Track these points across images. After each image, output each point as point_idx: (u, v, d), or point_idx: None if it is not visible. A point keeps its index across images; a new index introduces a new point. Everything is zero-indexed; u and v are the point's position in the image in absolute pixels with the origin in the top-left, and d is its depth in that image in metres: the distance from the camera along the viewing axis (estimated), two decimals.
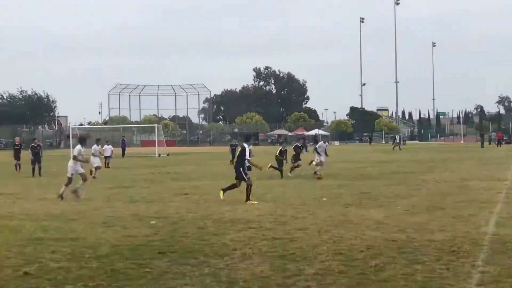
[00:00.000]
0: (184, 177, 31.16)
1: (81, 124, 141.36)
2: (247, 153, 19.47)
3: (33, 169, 34.12)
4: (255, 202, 18.62)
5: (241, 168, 19.44)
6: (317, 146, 30.82)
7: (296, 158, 31.64)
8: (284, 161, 31.42)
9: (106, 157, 41.84)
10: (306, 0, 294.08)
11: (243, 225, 14.18)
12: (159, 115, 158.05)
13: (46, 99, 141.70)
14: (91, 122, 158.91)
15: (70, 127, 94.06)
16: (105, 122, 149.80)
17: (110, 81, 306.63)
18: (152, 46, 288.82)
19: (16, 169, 36.76)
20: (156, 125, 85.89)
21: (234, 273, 9.36)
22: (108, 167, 40.75)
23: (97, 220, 15.47)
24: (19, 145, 38.45)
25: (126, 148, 63.96)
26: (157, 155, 61.82)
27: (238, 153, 20.69)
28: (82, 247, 11.70)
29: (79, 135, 40.06)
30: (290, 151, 32.40)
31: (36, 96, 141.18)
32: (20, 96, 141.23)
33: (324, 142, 32.64)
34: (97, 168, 32.13)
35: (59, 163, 39.35)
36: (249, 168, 21.01)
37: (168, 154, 63.10)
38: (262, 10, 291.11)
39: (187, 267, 9.87)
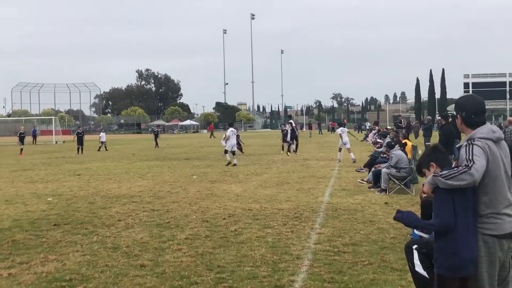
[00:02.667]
0: (77, 160, 30.17)
1: None
2: None
3: (78, 149, 37.85)
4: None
5: None
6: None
7: None
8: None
9: None
10: (178, 14, 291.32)
11: (126, 200, 13.90)
12: (56, 109, 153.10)
13: None
14: None
15: None
16: (9, 115, 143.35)
17: (13, 80, 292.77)
18: (50, 50, 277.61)
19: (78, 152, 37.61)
20: (53, 117, 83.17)
21: (118, 240, 9.14)
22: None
23: (1, 198, 14.72)
24: (82, 133, 40.16)
25: (26, 137, 61.26)
26: (54, 143, 59.95)
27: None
28: None
29: None
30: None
31: None
32: None
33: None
34: None
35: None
36: None
37: (63, 142, 61.20)
38: (143, 21, 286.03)
39: (78, 236, 9.55)
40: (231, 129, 25.86)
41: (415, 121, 69.82)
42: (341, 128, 26.29)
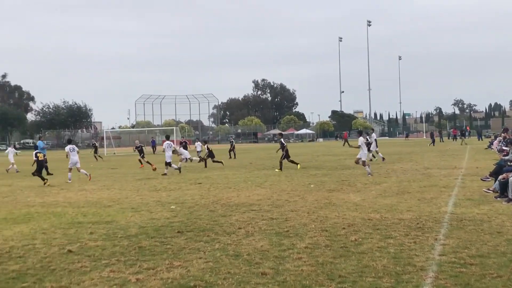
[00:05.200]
0: (197, 169, 31.05)
1: (113, 128, 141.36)
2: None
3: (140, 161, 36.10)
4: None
5: None
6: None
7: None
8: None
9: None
10: (293, 24, 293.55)
11: (246, 208, 14.12)
12: (177, 120, 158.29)
13: (84, 108, 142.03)
14: (121, 126, 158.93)
15: (104, 130, 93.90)
16: (133, 126, 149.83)
17: (136, 92, 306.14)
18: (170, 63, 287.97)
19: (141, 163, 36.25)
20: (174, 127, 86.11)
21: (239, 248, 9.30)
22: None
23: (127, 206, 15.40)
24: (140, 146, 38.86)
25: (146, 147, 63.57)
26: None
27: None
28: (115, 228, 11.64)
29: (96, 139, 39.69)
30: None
31: (76, 105, 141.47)
32: (63, 106, 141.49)
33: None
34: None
35: (94, 160, 39.22)
36: None
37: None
38: (258, 32, 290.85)
39: (201, 243, 9.80)
40: (167, 142, 28.90)
41: None
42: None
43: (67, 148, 25.96)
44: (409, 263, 8.01)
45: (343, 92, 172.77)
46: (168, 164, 27.94)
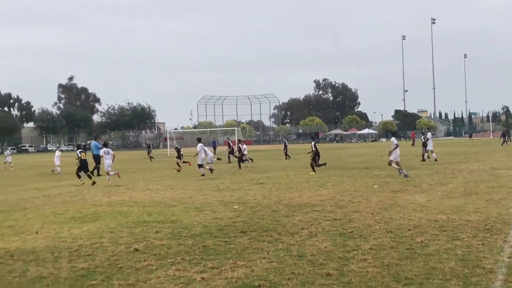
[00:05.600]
0: (259, 169, 31.19)
1: (176, 129, 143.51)
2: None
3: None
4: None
5: None
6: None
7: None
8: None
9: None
10: (355, 22, 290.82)
11: (308, 209, 14.08)
12: (238, 120, 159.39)
13: (148, 109, 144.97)
14: (183, 126, 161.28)
15: (167, 131, 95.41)
16: (195, 127, 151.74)
17: (198, 93, 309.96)
18: (232, 64, 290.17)
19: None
20: (235, 128, 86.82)
21: (303, 248, 9.27)
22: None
23: (191, 205, 15.58)
24: (178, 148, 37.59)
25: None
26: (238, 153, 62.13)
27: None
28: (180, 228, 11.79)
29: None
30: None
31: (140, 106, 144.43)
32: (127, 107, 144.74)
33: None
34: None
35: (159, 160, 39.92)
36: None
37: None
38: (319, 32, 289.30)
39: (264, 243, 9.82)
40: (200, 144, 28.80)
41: None
42: None
43: (102, 151, 26.56)
44: (478, 266, 7.82)
45: (406, 91, 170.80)
46: (200, 166, 27.99)
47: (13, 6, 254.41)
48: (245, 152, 36.37)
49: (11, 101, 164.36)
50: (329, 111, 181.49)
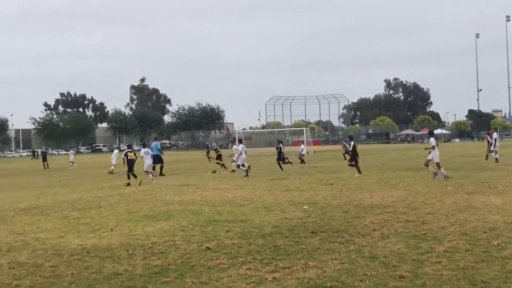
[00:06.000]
0: (328, 170, 31.02)
1: (244, 129, 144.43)
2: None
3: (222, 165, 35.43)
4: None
5: None
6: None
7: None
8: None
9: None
10: (426, 21, 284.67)
11: (380, 210, 13.90)
12: (306, 120, 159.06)
13: (217, 110, 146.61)
14: (252, 127, 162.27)
15: (236, 131, 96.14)
16: (263, 127, 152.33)
17: (266, 93, 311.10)
18: (300, 64, 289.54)
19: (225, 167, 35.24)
20: (304, 128, 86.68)
21: (375, 250, 9.17)
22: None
23: (260, 205, 15.65)
24: (217, 148, 39.33)
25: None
26: (306, 153, 61.97)
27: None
28: (250, 227, 11.86)
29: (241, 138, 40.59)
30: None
31: (209, 107, 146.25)
32: (197, 108, 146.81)
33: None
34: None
35: (225, 160, 40.11)
36: None
37: (314, 152, 63.11)
38: (390, 31, 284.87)
39: (335, 244, 9.76)
40: (241, 145, 30.43)
41: None
42: None
43: (142, 152, 27.74)
44: None
45: (480, 90, 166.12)
46: (238, 166, 29.35)
47: (88, 10, 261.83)
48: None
49: (86, 102, 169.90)
50: (400, 111, 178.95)
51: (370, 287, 7.09)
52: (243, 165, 28.90)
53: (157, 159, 31.18)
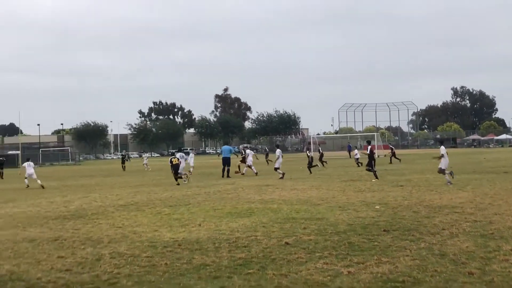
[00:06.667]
0: (398, 172, 30.46)
1: (318, 134, 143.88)
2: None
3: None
4: None
5: None
6: None
7: None
8: None
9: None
10: (493, 30, 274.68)
11: (448, 210, 13.54)
12: (377, 126, 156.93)
13: (293, 116, 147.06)
14: (325, 132, 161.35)
15: (311, 136, 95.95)
16: (336, 132, 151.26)
17: (339, 101, 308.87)
18: (370, 73, 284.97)
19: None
20: (375, 133, 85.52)
21: (444, 248, 8.94)
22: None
23: (335, 204, 15.54)
24: (242, 152, 38.11)
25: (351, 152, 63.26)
26: (377, 156, 61.18)
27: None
28: (325, 225, 11.80)
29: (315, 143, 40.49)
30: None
31: (286, 114, 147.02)
32: (275, 114, 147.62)
33: None
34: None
35: (302, 163, 40.08)
36: None
37: (385, 155, 62.16)
38: (456, 39, 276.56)
39: (406, 242, 9.58)
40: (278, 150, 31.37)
41: None
42: None
43: (178, 155, 29.14)
44: None
45: None
46: (276, 169, 29.54)
47: (176, 26, 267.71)
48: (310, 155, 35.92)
49: (175, 109, 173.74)
50: (466, 117, 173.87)
51: (440, 282, 6.92)
52: (278, 168, 29.54)
53: (226, 161, 31.61)
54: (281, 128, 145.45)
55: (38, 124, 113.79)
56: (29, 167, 29.51)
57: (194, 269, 8.09)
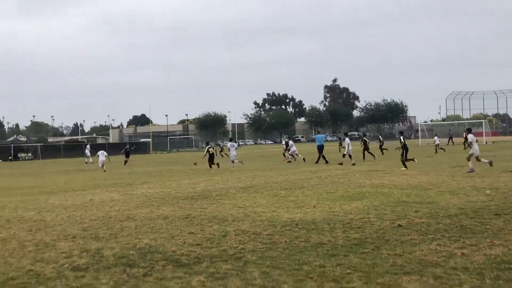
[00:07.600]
0: (506, 158, 28.71)
1: (425, 122, 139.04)
2: None
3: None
4: None
5: None
6: None
7: None
8: None
9: None
10: None
11: None
12: (484, 113, 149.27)
13: (400, 105, 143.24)
14: (432, 120, 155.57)
15: (418, 123, 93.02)
16: (443, 120, 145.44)
17: (446, 89, 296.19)
18: (477, 62, 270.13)
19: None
20: (482, 120, 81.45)
21: None
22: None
23: (445, 189, 14.99)
24: (286, 142, 37.50)
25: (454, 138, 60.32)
26: (484, 143, 58.32)
27: None
28: (436, 208, 11.45)
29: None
30: None
31: (394, 102, 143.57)
32: (382, 103, 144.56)
33: None
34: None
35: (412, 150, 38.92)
36: None
37: (493, 142, 59.27)
38: None
39: None
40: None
41: None
42: None
43: (228, 144, 30.34)
44: None
45: None
46: (350, 156, 28.98)
47: (287, 24, 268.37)
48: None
49: (287, 100, 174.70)
50: None
51: None
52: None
53: (320, 149, 31.34)
54: (388, 116, 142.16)
55: (166, 115, 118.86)
56: (101, 155, 33.16)
57: (312, 247, 8.15)
